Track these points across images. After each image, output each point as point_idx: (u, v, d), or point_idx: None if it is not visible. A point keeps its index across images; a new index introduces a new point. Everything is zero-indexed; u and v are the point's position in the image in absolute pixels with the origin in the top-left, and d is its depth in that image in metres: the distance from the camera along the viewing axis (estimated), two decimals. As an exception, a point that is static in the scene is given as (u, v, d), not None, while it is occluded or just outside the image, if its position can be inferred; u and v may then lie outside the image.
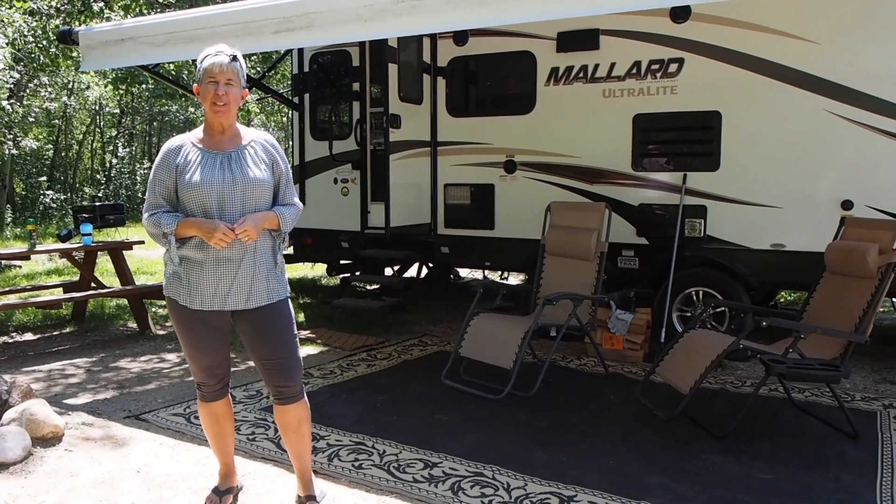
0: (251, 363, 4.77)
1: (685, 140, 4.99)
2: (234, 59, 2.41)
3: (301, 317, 6.28)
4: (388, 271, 7.24)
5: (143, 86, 11.35)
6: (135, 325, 5.75)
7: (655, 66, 4.98)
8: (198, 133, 2.51)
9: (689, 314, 4.99)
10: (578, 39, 5.21)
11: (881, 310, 6.56)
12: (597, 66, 5.19)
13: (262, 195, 2.47)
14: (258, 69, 9.28)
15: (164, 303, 6.37)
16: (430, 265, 7.15)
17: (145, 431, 3.44)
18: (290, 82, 7.30)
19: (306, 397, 2.62)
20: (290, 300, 2.62)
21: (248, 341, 2.55)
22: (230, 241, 2.36)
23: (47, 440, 3.24)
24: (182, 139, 2.50)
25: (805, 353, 3.42)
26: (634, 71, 5.05)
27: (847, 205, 4.49)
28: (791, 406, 3.85)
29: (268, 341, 2.52)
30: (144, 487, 2.83)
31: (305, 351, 5.11)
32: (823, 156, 4.57)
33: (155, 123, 22.88)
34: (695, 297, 5.01)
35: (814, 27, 4.51)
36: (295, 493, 2.71)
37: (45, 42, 9.77)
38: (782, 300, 6.72)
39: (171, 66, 9.52)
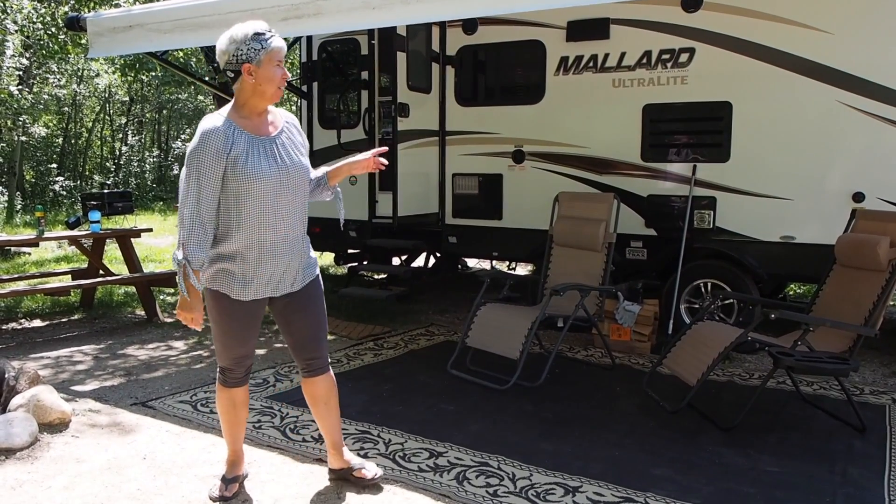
0: (258, 351, 4.79)
1: (695, 131, 4.94)
2: None
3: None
4: (396, 261, 7.24)
5: (152, 73, 11.36)
6: (142, 313, 5.78)
7: (666, 56, 4.93)
8: (232, 114, 2.37)
9: (697, 306, 4.97)
10: (588, 28, 5.17)
11: (891, 303, 6.51)
12: (607, 55, 5.14)
13: (306, 181, 2.48)
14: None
15: (171, 290, 6.45)
16: (438, 255, 7.14)
17: (152, 418, 3.46)
18: (298, 71, 7.27)
19: (332, 370, 2.68)
20: None
21: (284, 319, 2.56)
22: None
23: (54, 426, 3.27)
24: (221, 121, 2.33)
25: (814, 346, 3.39)
26: (645, 61, 5.00)
27: (858, 197, 4.45)
28: (799, 399, 3.82)
29: (306, 316, 2.56)
30: (150, 474, 2.85)
31: (312, 339, 5.12)
32: (835, 147, 4.52)
33: (164, 111, 22.92)
34: (703, 289, 4.98)
35: (827, 17, 4.45)
36: (326, 469, 2.77)
37: (54, 29, 9.78)
38: (791, 293, 6.68)
39: (180, 54, 9.51)
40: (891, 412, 3.65)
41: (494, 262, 7.76)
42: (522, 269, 7.83)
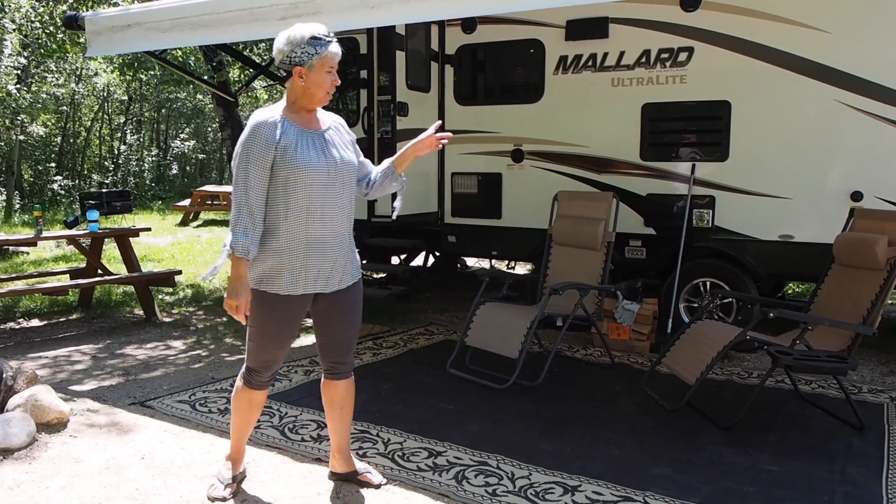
0: (257, 351, 4.79)
1: (694, 130, 4.94)
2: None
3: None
4: (395, 260, 7.24)
5: (150, 72, 11.34)
6: (141, 313, 5.77)
7: (665, 55, 4.93)
8: (284, 109, 2.40)
9: (696, 305, 4.97)
10: (587, 27, 5.16)
11: (889, 302, 6.52)
12: (606, 54, 5.14)
13: (354, 178, 2.51)
14: (265, 56, 9.24)
15: (170, 290, 6.44)
16: (437, 254, 7.14)
17: (150, 418, 3.45)
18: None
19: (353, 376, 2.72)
20: None
21: (323, 319, 2.57)
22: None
23: (52, 426, 3.26)
24: (272, 114, 2.37)
25: (812, 345, 3.39)
26: (644, 60, 5.00)
27: (857, 196, 4.45)
28: (798, 398, 3.83)
29: (345, 319, 2.58)
30: (149, 474, 2.84)
31: (311, 339, 5.12)
32: (833, 146, 4.52)
33: (163, 111, 22.89)
34: (702, 288, 4.98)
35: (825, 16, 4.44)
36: (326, 469, 2.79)
37: (52, 28, 9.77)
38: (790, 292, 6.68)
39: (179, 53, 9.50)
40: (889, 411, 3.66)
41: (494, 261, 7.76)
42: (522, 269, 7.83)
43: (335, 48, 2.37)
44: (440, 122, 2.68)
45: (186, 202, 14.58)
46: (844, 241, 3.77)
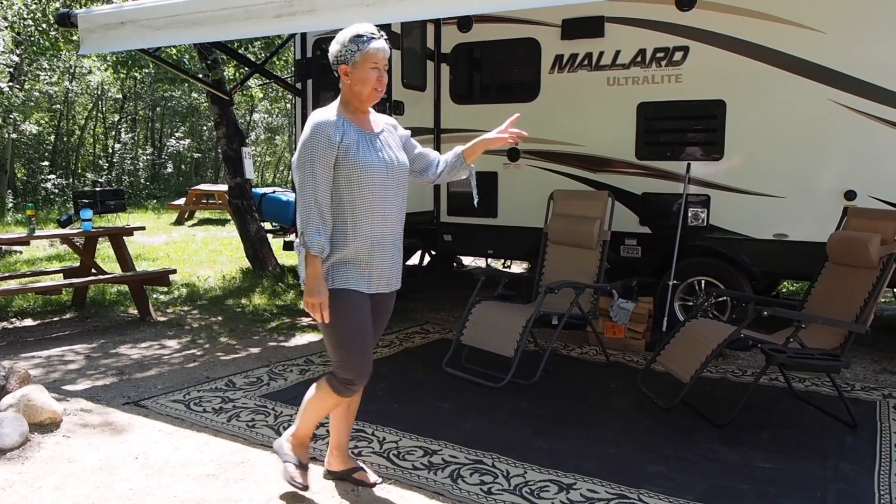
0: (252, 349, 4.78)
1: (689, 129, 4.95)
2: (388, 41, 2.43)
3: (302, 304, 6.27)
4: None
5: (144, 70, 11.29)
6: (135, 312, 5.75)
7: (660, 55, 4.94)
8: (340, 109, 2.43)
9: (691, 303, 4.98)
10: (583, 26, 5.16)
11: (882, 300, 6.54)
12: (601, 53, 5.14)
13: (407, 179, 2.55)
14: (260, 54, 9.22)
15: (164, 289, 6.42)
16: (433, 253, 7.14)
17: (144, 418, 3.44)
18: (293, 68, 7.25)
19: None
20: None
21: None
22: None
23: (45, 426, 3.25)
24: (332, 114, 2.39)
25: (806, 343, 3.41)
26: (639, 59, 5.01)
27: (850, 195, 4.46)
28: (791, 395, 3.84)
29: (380, 322, 2.59)
30: (143, 474, 2.83)
31: (307, 338, 5.12)
32: (827, 146, 4.54)
33: (158, 109, 22.82)
34: (697, 287, 4.99)
35: (819, 16, 4.46)
36: (322, 469, 2.80)
37: (45, 25, 9.72)
38: (784, 290, 6.71)
39: (174, 51, 9.47)
40: (881, 408, 3.68)
41: (490, 260, 7.77)
42: (518, 268, 7.83)
43: (377, 44, 2.38)
44: (518, 115, 2.64)
45: (181, 201, 14.54)
46: (838, 240, 3.78)
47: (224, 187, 10.60)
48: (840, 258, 3.75)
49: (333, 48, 2.42)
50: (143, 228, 6.16)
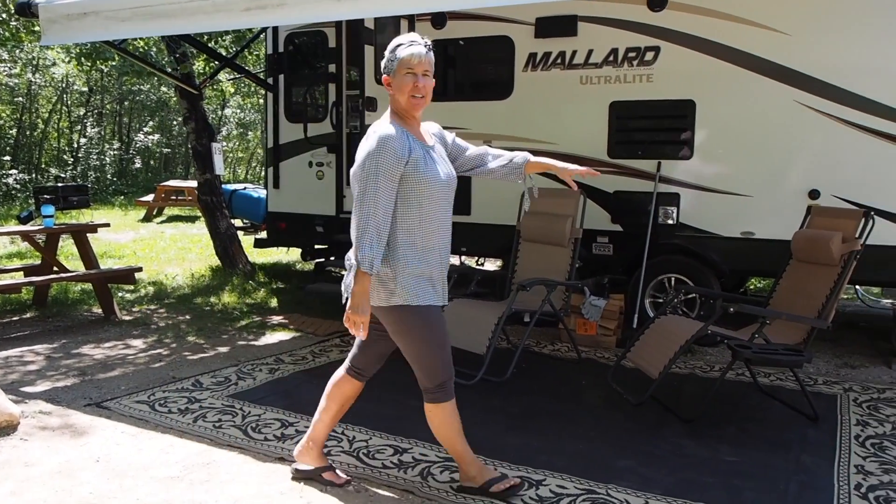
0: (220, 348, 4.71)
1: (660, 128, 5.00)
2: (430, 48, 2.41)
3: (273, 302, 6.21)
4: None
5: (110, 63, 11.05)
6: (99, 311, 5.62)
7: (632, 54, 4.98)
8: (397, 121, 2.42)
9: (661, 300, 5.04)
10: (556, 25, 5.18)
11: (845, 296, 6.70)
12: (574, 52, 5.17)
13: (455, 190, 2.54)
14: (231, 48, 9.09)
15: (130, 287, 6.29)
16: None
17: (106, 420, 3.35)
18: (265, 63, 7.17)
19: None
20: None
21: (382, 326, 2.55)
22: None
23: (1, 429, 3.15)
24: (394, 127, 2.36)
25: (770, 339, 3.46)
26: (611, 58, 5.04)
27: (814, 194, 4.56)
28: (757, 390, 3.91)
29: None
30: (104, 477, 2.76)
31: (277, 337, 5.06)
32: (792, 146, 4.62)
33: (126, 103, 22.35)
34: (667, 284, 5.05)
35: (784, 19, 4.54)
36: (289, 468, 2.79)
37: (5, 15, 9.44)
38: (753, 287, 6.83)
39: (141, 43, 9.28)
40: (841, 401, 3.76)
41: (463, 257, 7.77)
42: (491, 265, 7.85)
43: (413, 49, 2.38)
44: (595, 172, 2.68)
45: (150, 197, 14.29)
46: (801, 238, 3.86)
47: (194, 183, 10.43)
48: (804, 256, 3.83)
49: (382, 62, 2.48)
50: (107, 225, 6.02)
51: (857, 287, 6.34)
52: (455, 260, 8.10)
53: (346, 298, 2.43)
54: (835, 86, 4.45)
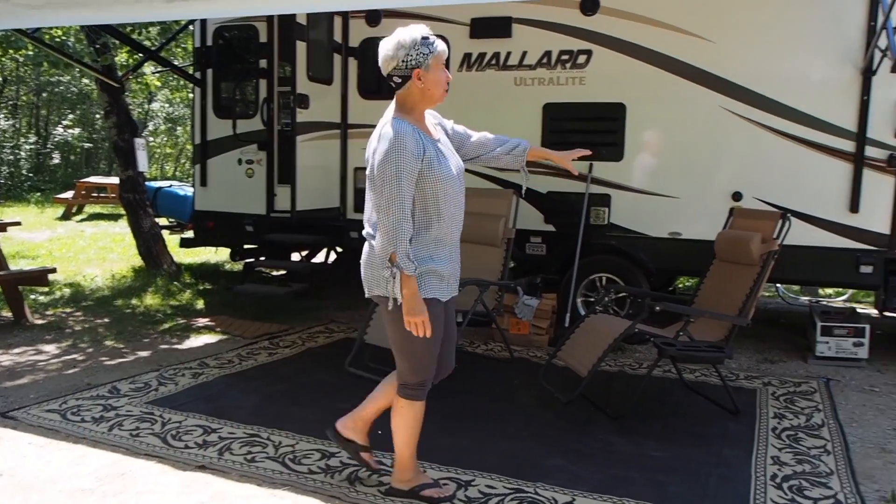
0: (141, 353, 4.49)
1: (592, 130, 5.08)
2: None
3: (200, 304, 5.98)
4: (297, 257, 7.02)
5: (23, 52, 10.42)
6: (9, 314, 5.25)
7: (565, 57, 5.04)
8: (408, 118, 2.36)
9: (592, 299, 5.12)
10: (491, 26, 5.20)
11: (766, 294, 7.01)
12: (509, 53, 5.19)
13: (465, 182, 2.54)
14: (155, 40, 8.72)
15: (44, 289, 5.93)
16: (340, 250, 6.98)
17: (13, 430, 3.13)
18: (193, 57, 6.90)
19: None
20: None
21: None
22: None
23: None
24: (405, 126, 2.31)
25: (694, 336, 3.56)
26: (545, 60, 5.09)
27: (737, 196, 4.72)
28: (683, 386, 4.01)
29: (452, 323, 2.58)
30: (7, 492, 2.57)
31: (202, 340, 4.87)
32: (717, 149, 4.78)
33: (44, 94, 21.15)
34: (598, 283, 5.14)
35: (711, 27, 4.69)
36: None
37: None
38: (682, 286, 7.04)
39: (60, 32, 8.78)
40: (760, 395, 3.91)
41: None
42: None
43: (443, 45, 2.38)
44: (589, 152, 2.85)
45: (69, 194, 13.57)
46: (724, 239, 3.99)
47: (117, 180, 9.96)
48: (726, 256, 3.96)
49: (398, 53, 2.31)
50: (18, 224, 5.66)
51: (779, 285, 6.63)
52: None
53: (371, 290, 2.46)
54: (757, 92, 4.62)
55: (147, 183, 7.82)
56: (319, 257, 6.95)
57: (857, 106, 4.44)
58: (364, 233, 2.46)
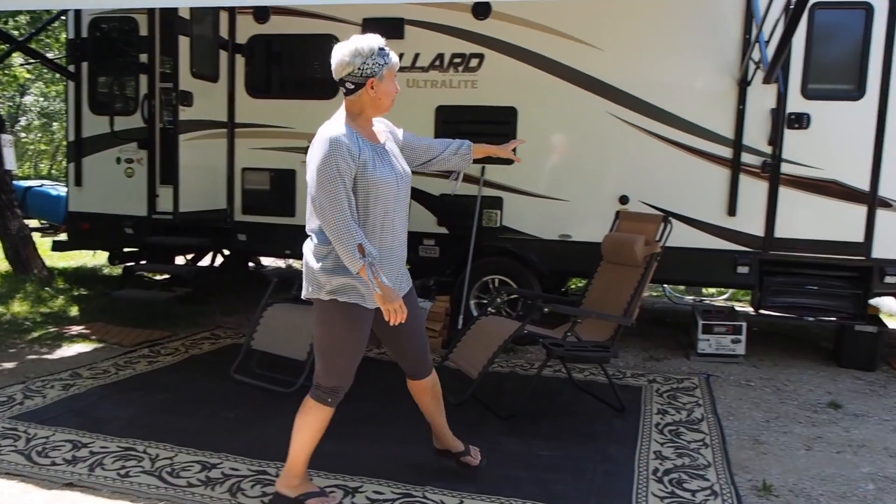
0: (5, 364, 4.10)
1: (484, 133, 5.10)
2: None
3: (74, 311, 5.55)
4: (180, 260, 6.68)
5: None
6: None
7: (458, 60, 5.09)
8: (349, 122, 2.38)
9: (485, 301, 5.19)
10: (383, 27, 5.09)
11: (654, 294, 7.38)
12: (401, 55, 5.14)
13: (410, 187, 2.57)
14: (25, 30, 8.04)
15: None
16: (226, 253, 6.70)
17: None
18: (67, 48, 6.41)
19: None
20: None
21: (390, 332, 2.53)
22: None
23: None
24: (344, 128, 2.33)
25: (582, 337, 3.67)
26: (438, 63, 5.12)
27: (623, 199, 4.93)
28: (572, 385, 4.12)
29: (411, 325, 2.54)
30: None
31: (75, 349, 4.52)
32: (605, 154, 4.96)
33: None
34: (491, 285, 5.21)
35: (598, 34, 4.86)
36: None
37: None
38: (574, 287, 7.27)
39: None
40: (645, 392, 4.08)
41: (291, 260, 7.50)
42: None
43: (396, 57, 2.44)
44: (524, 140, 2.98)
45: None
46: (609, 241, 4.15)
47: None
48: (612, 257, 4.12)
49: (354, 60, 2.34)
50: None
51: (665, 286, 6.99)
52: (281, 263, 7.81)
53: (308, 290, 2.46)
54: (642, 100, 4.83)
55: (15, 182, 7.19)
56: (206, 261, 6.65)
57: (734, 114, 4.71)
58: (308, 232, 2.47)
